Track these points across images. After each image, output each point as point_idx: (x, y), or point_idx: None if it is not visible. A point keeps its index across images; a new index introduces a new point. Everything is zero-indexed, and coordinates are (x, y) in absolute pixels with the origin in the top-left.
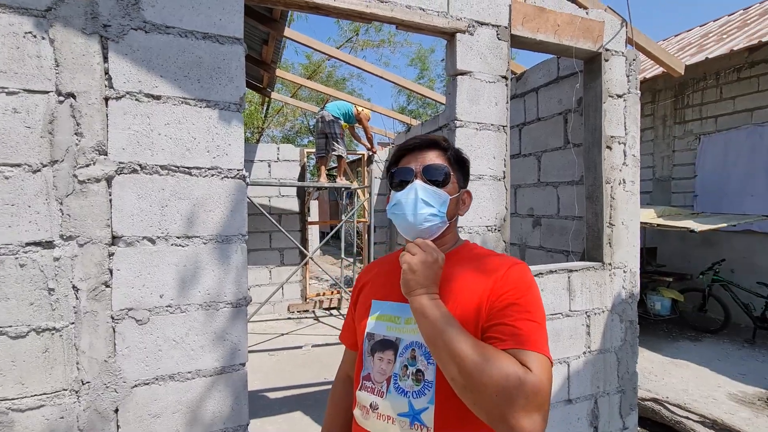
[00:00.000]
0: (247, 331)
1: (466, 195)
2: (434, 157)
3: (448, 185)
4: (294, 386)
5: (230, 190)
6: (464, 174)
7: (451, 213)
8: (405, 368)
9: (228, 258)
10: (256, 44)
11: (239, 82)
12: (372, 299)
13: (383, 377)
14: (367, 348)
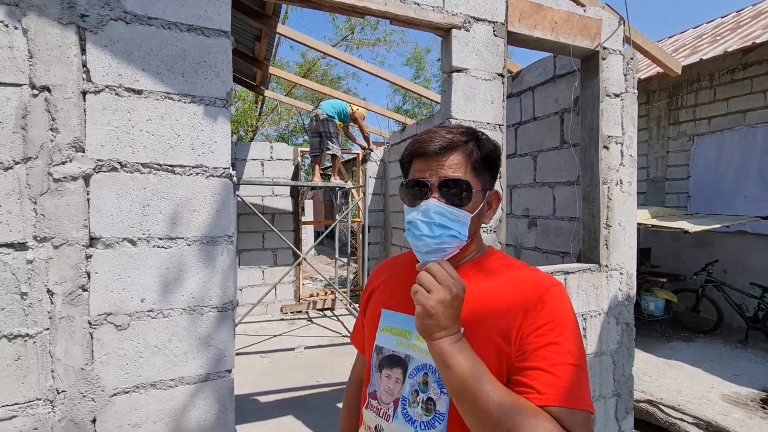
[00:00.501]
0: (234, 336)
1: (494, 197)
2: (454, 165)
3: (470, 202)
4: (285, 389)
5: (216, 189)
6: (492, 172)
7: (474, 229)
8: (415, 393)
9: (213, 260)
10: (248, 41)
11: (226, 77)
12: (382, 307)
13: (390, 398)
14: (375, 362)
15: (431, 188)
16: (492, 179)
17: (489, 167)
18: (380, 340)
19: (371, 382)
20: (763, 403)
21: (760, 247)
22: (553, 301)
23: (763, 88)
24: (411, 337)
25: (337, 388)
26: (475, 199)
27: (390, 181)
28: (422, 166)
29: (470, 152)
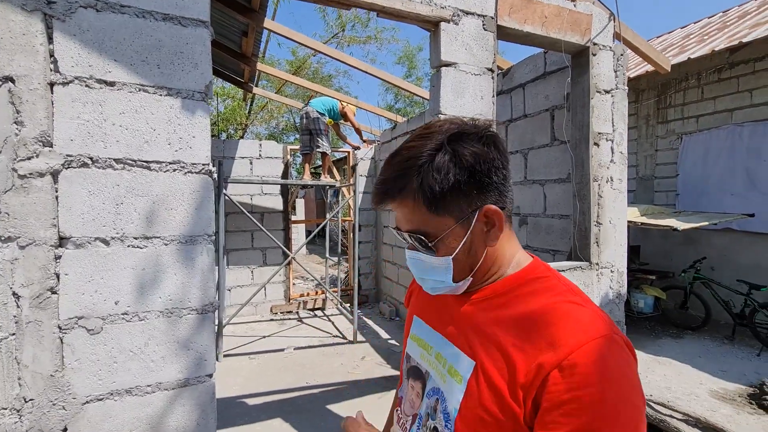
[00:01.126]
0: (215, 338)
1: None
2: (405, 214)
3: (442, 245)
4: (274, 391)
5: (194, 186)
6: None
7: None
8: (427, 416)
9: (192, 260)
10: (235, 36)
11: (204, 69)
12: (414, 314)
13: (411, 411)
14: (405, 369)
15: (405, 237)
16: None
17: (457, 193)
18: (410, 347)
19: (402, 386)
20: (750, 399)
21: (746, 244)
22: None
23: (749, 87)
24: (431, 353)
25: (327, 389)
26: (447, 240)
27: None
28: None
29: (417, 192)
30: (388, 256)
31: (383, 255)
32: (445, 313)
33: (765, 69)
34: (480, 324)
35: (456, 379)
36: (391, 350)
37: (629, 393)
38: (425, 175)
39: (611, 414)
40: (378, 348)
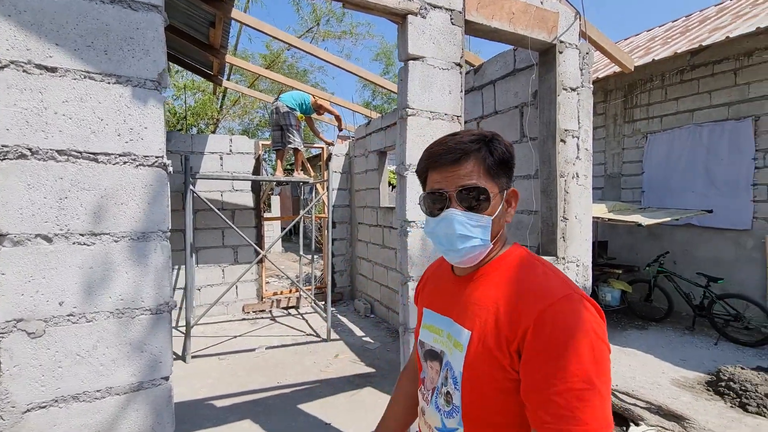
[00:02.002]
0: (171, 339)
1: (512, 195)
2: (469, 173)
3: (488, 206)
4: (244, 392)
5: (147, 180)
6: (508, 173)
7: (496, 230)
8: (442, 386)
9: (146, 258)
10: (202, 26)
11: (157, 56)
12: (424, 306)
13: (431, 386)
14: (421, 354)
15: (450, 198)
16: (508, 179)
17: (504, 169)
18: (423, 335)
19: (423, 370)
20: (707, 386)
21: (705, 239)
22: (556, 316)
23: (709, 88)
24: (443, 335)
25: (300, 388)
26: (493, 202)
27: (356, 176)
28: (438, 177)
29: (483, 158)
30: (363, 254)
31: (358, 252)
32: (450, 299)
33: (723, 72)
34: (476, 299)
35: (458, 348)
36: (364, 347)
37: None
38: (492, 145)
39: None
40: (352, 346)
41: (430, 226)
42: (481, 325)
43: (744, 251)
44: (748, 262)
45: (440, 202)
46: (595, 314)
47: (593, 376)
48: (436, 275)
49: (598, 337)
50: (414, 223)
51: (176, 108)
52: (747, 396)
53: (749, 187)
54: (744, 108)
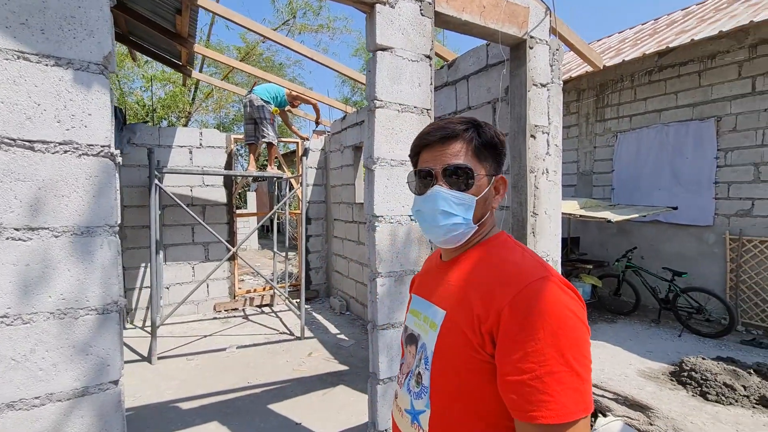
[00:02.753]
0: (121, 340)
1: (500, 182)
2: (455, 152)
3: (473, 186)
4: (212, 393)
5: (92, 170)
6: (497, 158)
7: (480, 213)
8: (416, 367)
9: (91, 254)
10: (168, 14)
11: (102, 38)
12: (412, 293)
13: (406, 370)
14: (403, 338)
15: (436, 176)
16: (497, 165)
17: (492, 153)
18: (407, 320)
19: (403, 355)
20: (671, 376)
21: (670, 235)
22: (531, 298)
23: (675, 89)
24: (420, 318)
25: (271, 388)
26: (479, 183)
27: (331, 171)
28: (428, 156)
29: (470, 139)
30: (338, 250)
31: (334, 249)
32: (434, 284)
33: (688, 73)
34: (453, 279)
35: (433, 328)
36: (339, 345)
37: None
38: (480, 129)
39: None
40: (326, 343)
41: (417, 204)
42: (457, 305)
43: (706, 246)
44: (709, 257)
45: (428, 180)
46: (573, 296)
47: (570, 359)
48: (430, 264)
49: (577, 318)
50: (382, 217)
51: (145, 100)
52: (707, 385)
53: (711, 185)
54: (707, 109)
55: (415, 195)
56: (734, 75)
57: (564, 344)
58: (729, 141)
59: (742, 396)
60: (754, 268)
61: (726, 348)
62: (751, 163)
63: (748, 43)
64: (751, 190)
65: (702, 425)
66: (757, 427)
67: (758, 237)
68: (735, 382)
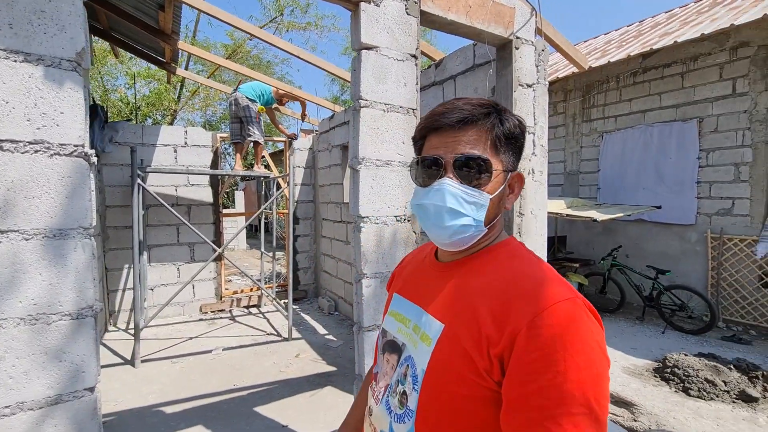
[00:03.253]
0: (97, 346)
1: (516, 180)
2: (472, 141)
3: (489, 182)
4: (197, 397)
5: (64, 171)
6: (515, 152)
7: (493, 214)
8: (398, 383)
9: (64, 258)
10: (151, 10)
11: (75, 33)
12: (395, 292)
13: (383, 383)
14: (380, 344)
15: (445, 166)
16: (515, 159)
17: (512, 145)
18: (386, 323)
19: (377, 363)
20: (655, 373)
21: (654, 233)
22: (553, 326)
23: (659, 90)
24: (409, 326)
25: (256, 390)
26: (495, 179)
27: (319, 170)
28: (437, 142)
29: (491, 127)
30: (327, 250)
31: (322, 249)
32: (426, 286)
33: (671, 75)
34: (457, 289)
35: (425, 342)
36: (327, 346)
37: (583, 344)
38: (503, 115)
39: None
40: (314, 344)
41: (418, 197)
42: (459, 319)
43: (689, 245)
44: (692, 255)
45: (434, 171)
46: (597, 325)
47: (592, 400)
48: (417, 259)
49: (602, 352)
50: (368, 218)
51: (129, 97)
52: (689, 381)
53: (694, 184)
54: (690, 110)
55: (417, 186)
56: (715, 77)
57: (588, 382)
58: (711, 141)
59: (722, 391)
60: (735, 266)
61: (707, 344)
62: (732, 164)
63: (728, 45)
64: (731, 190)
65: (684, 420)
66: (736, 421)
67: (738, 235)
68: (716, 377)
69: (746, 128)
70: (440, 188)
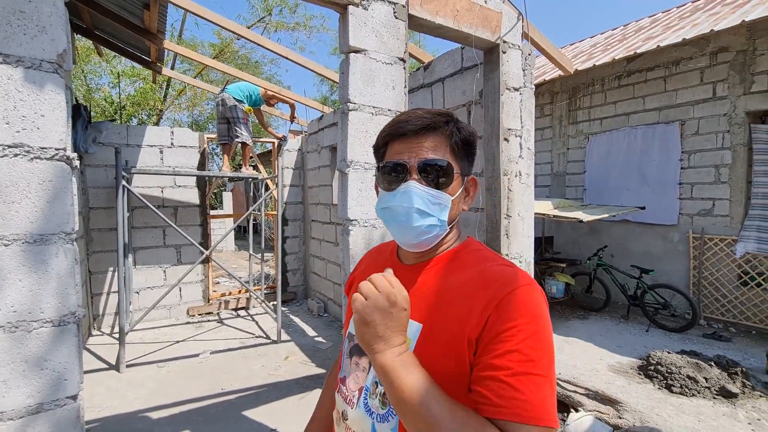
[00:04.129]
0: (80, 353)
1: (471, 183)
2: (434, 147)
3: (451, 184)
4: (184, 401)
5: (45, 175)
6: (470, 158)
7: (453, 214)
8: (375, 385)
9: (45, 263)
10: (136, 8)
11: (56, 34)
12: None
13: (356, 386)
14: (346, 349)
15: (410, 170)
16: (470, 165)
17: (467, 152)
18: (353, 327)
19: (342, 367)
20: (639, 370)
21: (638, 233)
22: (519, 303)
23: (643, 93)
24: None
25: (245, 394)
26: (455, 182)
27: (308, 172)
28: (400, 147)
29: (450, 134)
30: (316, 252)
31: (311, 250)
32: None
33: (654, 78)
34: (431, 289)
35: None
36: (316, 348)
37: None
38: (459, 124)
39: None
40: (303, 346)
41: (384, 201)
42: (438, 317)
43: (671, 245)
44: (674, 255)
45: (398, 176)
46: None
47: (548, 366)
48: (378, 262)
49: (551, 328)
50: (356, 221)
51: (114, 96)
52: (672, 378)
53: (676, 185)
54: (672, 113)
55: (382, 191)
56: (697, 81)
57: (545, 352)
58: (692, 144)
59: (703, 387)
60: (715, 265)
61: (690, 342)
62: (712, 165)
63: (709, 50)
64: (711, 191)
65: (667, 417)
66: (717, 417)
67: (718, 235)
68: (697, 374)
69: (726, 131)
70: (407, 190)
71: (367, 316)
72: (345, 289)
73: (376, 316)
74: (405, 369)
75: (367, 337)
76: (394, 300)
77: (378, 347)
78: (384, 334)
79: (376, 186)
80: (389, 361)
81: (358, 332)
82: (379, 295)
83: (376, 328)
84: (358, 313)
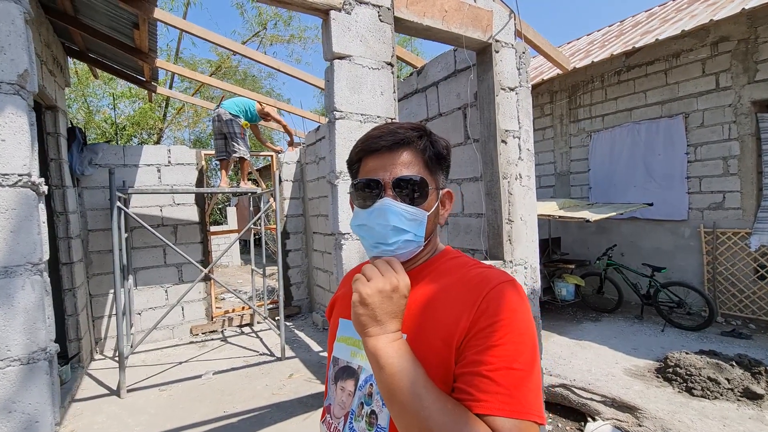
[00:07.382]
0: (54, 391)
1: (446, 196)
2: (408, 162)
3: (425, 200)
4: (184, 427)
5: (8, 203)
6: (445, 171)
7: (430, 229)
8: (361, 406)
9: (10, 297)
10: (126, 28)
11: (16, 55)
12: (340, 317)
13: (342, 412)
14: (331, 375)
15: (385, 186)
16: (444, 178)
17: (441, 165)
18: (337, 350)
19: (328, 395)
20: (657, 373)
21: (647, 231)
22: (500, 299)
23: (644, 88)
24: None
25: (247, 416)
26: (430, 197)
27: (308, 183)
28: (374, 164)
29: (423, 149)
30: (319, 264)
31: (314, 263)
32: None
33: (655, 72)
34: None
35: None
36: (321, 363)
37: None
38: (432, 138)
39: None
40: (308, 362)
41: (360, 218)
42: (424, 326)
43: (682, 240)
44: (686, 250)
45: (372, 193)
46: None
47: (530, 361)
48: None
49: (533, 323)
50: (349, 235)
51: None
52: (692, 380)
53: (684, 179)
54: (675, 106)
55: (357, 207)
56: (698, 72)
57: (527, 346)
58: (698, 136)
59: (726, 389)
60: (729, 259)
61: (707, 340)
62: (720, 157)
63: (709, 41)
64: (721, 184)
65: (690, 422)
66: (743, 420)
67: (731, 229)
68: (719, 375)
69: (732, 122)
70: (382, 208)
71: (367, 298)
72: (327, 312)
73: (376, 298)
74: (398, 356)
75: (363, 318)
76: (396, 285)
77: (373, 330)
78: (381, 318)
79: (351, 202)
80: (382, 346)
81: (354, 314)
82: (382, 277)
83: (374, 310)
84: (358, 292)
